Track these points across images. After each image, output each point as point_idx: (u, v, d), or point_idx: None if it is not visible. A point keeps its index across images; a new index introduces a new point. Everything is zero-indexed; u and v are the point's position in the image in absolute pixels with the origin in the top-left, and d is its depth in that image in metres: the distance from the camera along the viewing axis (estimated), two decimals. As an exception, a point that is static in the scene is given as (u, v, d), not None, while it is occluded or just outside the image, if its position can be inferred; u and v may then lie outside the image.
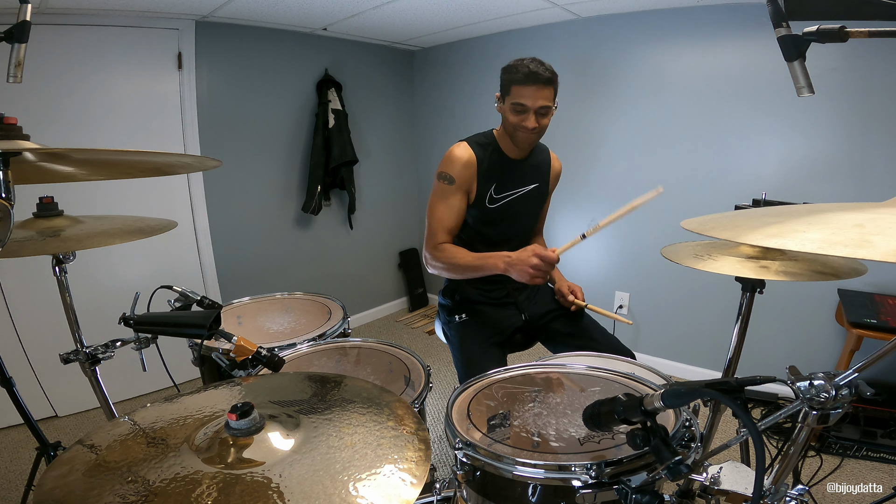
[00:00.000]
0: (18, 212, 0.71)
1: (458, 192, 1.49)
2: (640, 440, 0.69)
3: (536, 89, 1.37)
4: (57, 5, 2.08)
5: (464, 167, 1.48)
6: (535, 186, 1.60)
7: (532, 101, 1.37)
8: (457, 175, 1.48)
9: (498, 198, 1.54)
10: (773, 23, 0.77)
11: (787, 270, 1.09)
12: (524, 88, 1.37)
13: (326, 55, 3.11)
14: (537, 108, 1.39)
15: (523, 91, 1.37)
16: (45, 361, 2.32)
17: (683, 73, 2.53)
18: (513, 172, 1.54)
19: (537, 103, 1.38)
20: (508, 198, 1.55)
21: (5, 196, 0.68)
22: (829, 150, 2.23)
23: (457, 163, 1.48)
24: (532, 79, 1.35)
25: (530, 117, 1.39)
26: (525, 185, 1.57)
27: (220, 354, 1.28)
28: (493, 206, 1.54)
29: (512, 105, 1.40)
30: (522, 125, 1.41)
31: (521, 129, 1.42)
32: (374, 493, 0.57)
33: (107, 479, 0.59)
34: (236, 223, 2.89)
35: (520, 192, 1.56)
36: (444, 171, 1.49)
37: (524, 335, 1.66)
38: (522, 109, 1.39)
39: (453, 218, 1.50)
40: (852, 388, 0.66)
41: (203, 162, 1.22)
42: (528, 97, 1.37)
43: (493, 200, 1.53)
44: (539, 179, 1.61)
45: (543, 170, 1.63)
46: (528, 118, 1.39)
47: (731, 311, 1.35)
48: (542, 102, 1.38)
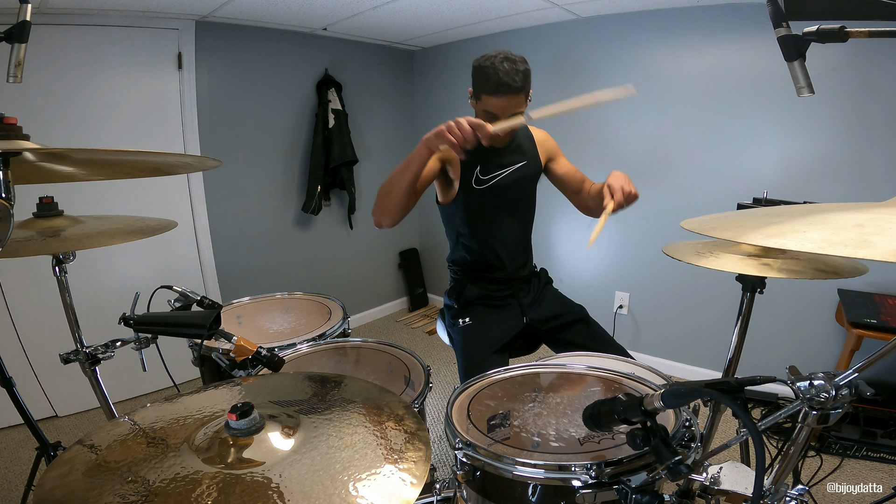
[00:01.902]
0: (18, 212, 0.71)
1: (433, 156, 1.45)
2: (640, 440, 0.69)
3: (507, 99, 1.34)
4: (57, 5, 2.08)
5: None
6: (523, 164, 1.57)
7: (503, 112, 1.36)
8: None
9: (485, 178, 1.52)
10: (773, 23, 0.77)
11: (789, 268, 1.10)
12: (495, 99, 1.34)
13: (326, 55, 3.11)
14: (508, 116, 1.37)
15: (494, 101, 1.35)
16: (45, 361, 2.32)
17: (683, 73, 2.53)
18: (496, 155, 1.53)
19: (507, 112, 1.36)
20: (497, 177, 1.53)
21: (5, 196, 0.68)
22: (829, 150, 2.23)
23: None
24: (503, 90, 1.33)
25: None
26: (512, 163, 1.55)
27: (220, 354, 1.28)
28: (482, 186, 1.52)
29: (484, 112, 1.39)
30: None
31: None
32: (374, 493, 0.57)
33: (107, 479, 0.59)
34: (236, 223, 2.89)
35: (507, 170, 1.54)
36: None
37: (526, 340, 1.65)
38: (494, 118, 1.37)
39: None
40: (852, 388, 0.66)
41: (203, 162, 1.22)
42: (498, 107, 1.35)
43: (480, 181, 1.52)
44: (526, 157, 1.58)
45: (527, 146, 1.59)
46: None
47: (732, 311, 1.35)
48: (514, 110, 1.37)
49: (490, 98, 1.35)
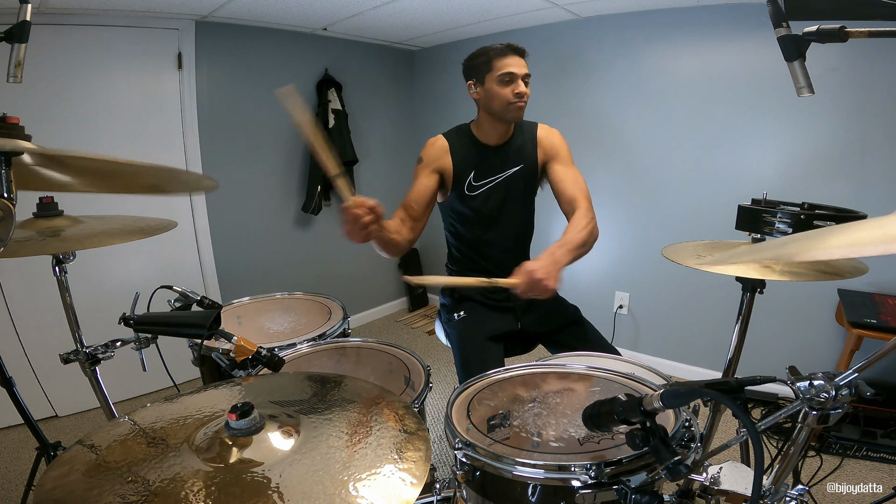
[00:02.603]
0: (19, 212, 0.70)
1: (426, 170, 1.51)
2: (639, 440, 0.69)
3: (517, 58, 1.42)
4: (57, 5, 2.08)
5: (433, 147, 1.53)
6: (518, 168, 1.55)
7: (518, 68, 1.42)
8: (426, 155, 1.53)
9: (478, 185, 1.53)
10: (773, 23, 0.77)
11: (790, 270, 1.09)
12: (508, 59, 1.41)
13: (326, 55, 3.10)
14: (523, 74, 1.43)
15: (508, 61, 1.41)
16: (45, 361, 2.32)
17: (683, 73, 2.53)
18: (492, 158, 1.53)
19: (523, 70, 1.43)
20: (490, 184, 1.54)
21: (7, 196, 0.68)
22: (829, 150, 2.23)
23: (428, 147, 1.54)
24: (512, 49, 1.42)
25: (520, 84, 1.42)
26: (507, 168, 1.54)
27: (220, 354, 1.28)
28: (474, 192, 1.53)
29: (499, 77, 1.42)
30: (516, 92, 1.42)
31: (514, 98, 1.43)
32: (374, 493, 0.57)
33: (107, 479, 0.59)
34: (236, 223, 2.89)
35: (501, 176, 1.54)
36: (419, 156, 1.54)
37: (521, 340, 1.64)
38: (511, 79, 1.42)
39: (414, 192, 1.50)
40: (852, 388, 0.67)
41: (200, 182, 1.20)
42: (514, 65, 1.41)
43: (472, 188, 1.53)
44: (523, 160, 1.55)
45: (527, 149, 1.56)
46: (519, 84, 1.42)
47: (732, 311, 1.35)
48: (526, 70, 1.44)
49: (503, 59, 1.42)
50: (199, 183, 1.25)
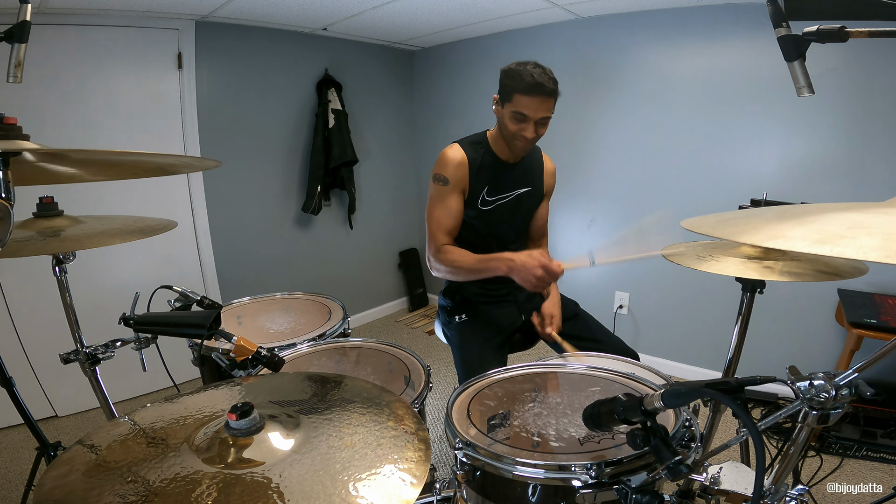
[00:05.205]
0: (18, 212, 0.70)
1: (454, 192, 1.49)
2: (640, 440, 0.69)
3: (540, 101, 1.35)
4: (57, 5, 2.08)
5: (457, 167, 1.48)
6: (527, 190, 1.59)
7: (534, 112, 1.36)
8: (451, 175, 1.48)
9: (490, 200, 1.54)
10: (773, 23, 0.77)
11: (790, 271, 1.09)
12: (528, 98, 1.35)
13: (326, 55, 3.11)
14: (538, 118, 1.38)
15: (526, 101, 1.35)
16: (45, 361, 2.32)
17: (683, 73, 2.53)
18: (505, 175, 1.54)
19: (538, 114, 1.37)
20: (501, 200, 1.55)
21: (5, 196, 0.68)
22: (829, 150, 2.23)
23: (450, 163, 1.48)
24: (537, 90, 1.33)
25: (529, 127, 1.38)
26: (517, 188, 1.57)
27: (220, 354, 1.28)
28: (486, 207, 1.54)
29: (512, 113, 1.38)
30: (521, 134, 1.40)
31: (519, 137, 1.41)
32: (374, 493, 0.57)
33: (107, 479, 0.59)
34: (236, 223, 2.89)
35: (512, 194, 1.56)
36: (439, 172, 1.49)
37: (524, 335, 1.66)
38: (522, 119, 1.38)
39: (451, 219, 1.50)
40: (852, 388, 0.66)
41: (203, 162, 1.22)
42: (530, 108, 1.35)
43: (485, 202, 1.53)
44: (532, 182, 1.60)
45: (536, 172, 1.62)
46: (528, 128, 1.38)
47: (732, 311, 1.35)
48: (544, 114, 1.37)
49: (523, 97, 1.35)
50: (202, 163, 1.25)
